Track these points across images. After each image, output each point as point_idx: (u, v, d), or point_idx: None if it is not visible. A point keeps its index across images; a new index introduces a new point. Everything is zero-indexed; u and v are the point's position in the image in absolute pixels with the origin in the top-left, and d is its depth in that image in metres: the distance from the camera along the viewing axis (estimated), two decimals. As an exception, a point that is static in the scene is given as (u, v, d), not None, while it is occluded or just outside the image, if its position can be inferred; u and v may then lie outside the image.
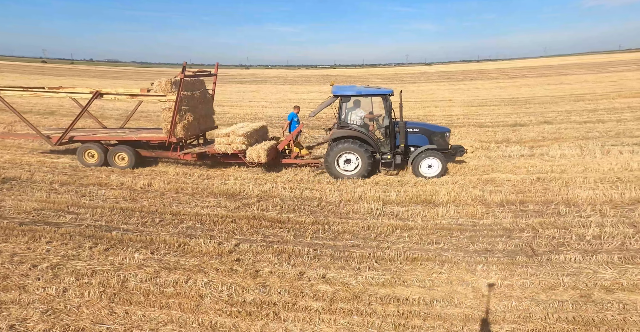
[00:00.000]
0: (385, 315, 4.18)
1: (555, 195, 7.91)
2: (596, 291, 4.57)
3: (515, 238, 6.13)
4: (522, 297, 4.50)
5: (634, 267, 5.04)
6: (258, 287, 4.69)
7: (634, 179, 8.58)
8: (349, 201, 7.90)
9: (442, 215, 7.17)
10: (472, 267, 5.24)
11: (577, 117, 17.31)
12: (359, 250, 5.77)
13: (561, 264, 5.26)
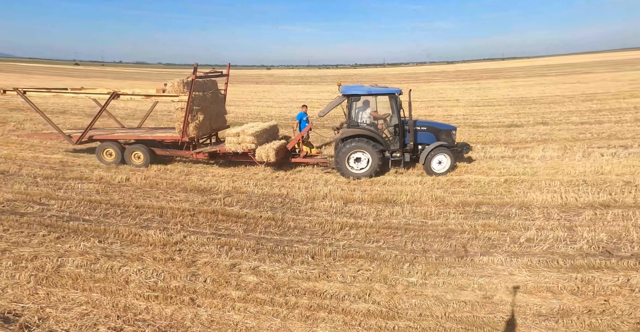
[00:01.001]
0: (296, 306, 4.49)
1: (513, 197, 7.96)
2: (500, 293, 4.71)
3: (455, 239, 6.28)
4: (430, 296, 4.69)
5: (547, 271, 5.14)
6: (187, 276, 5.07)
7: (600, 182, 8.51)
8: (314, 198, 8.20)
9: (395, 214, 7.37)
10: (399, 266, 5.45)
11: (577, 118, 16.94)
12: (301, 245, 6.08)
13: (483, 265, 5.40)
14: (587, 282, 4.78)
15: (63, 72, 65.32)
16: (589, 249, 5.69)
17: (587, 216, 6.85)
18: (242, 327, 4.08)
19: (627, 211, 6.92)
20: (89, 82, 41.63)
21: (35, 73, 56.98)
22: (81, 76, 56.18)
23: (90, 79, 49.30)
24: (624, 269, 5.06)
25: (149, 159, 10.44)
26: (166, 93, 10.14)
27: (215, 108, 11.25)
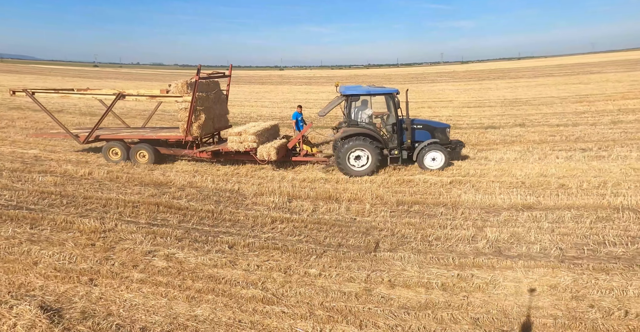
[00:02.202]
0: (187, 289, 4.91)
1: (449, 198, 8.19)
2: (382, 286, 5.01)
3: (372, 235, 6.59)
4: (317, 286, 5.01)
5: (436, 267, 5.42)
6: (99, 259, 5.56)
7: (537, 184, 8.69)
8: (262, 194, 8.58)
9: (331, 211, 7.72)
10: (306, 258, 5.79)
11: (557, 120, 16.91)
12: (226, 236, 6.46)
13: (384, 260, 5.70)
14: (463, 279, 5.08)
15: (79, 74, 67.68)
16: (484, 248, 5.96)
17: (503, 217, 7.08)
18: (127, 304, 4.55)
19: (541, 213, 7.14)
20: (99, 83, 43.24)
21: (52, 74, 59.34)
22: (95, 77, 58.17)
23: (101, 80, 51.11)
24: (502, 268, 5.33)
25: (154, 158, 10.80)
26: (170, 94, 10.60)
27: (217, 108, 11.66)
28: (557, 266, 5.29)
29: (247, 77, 77.08)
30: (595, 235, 6.16)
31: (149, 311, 4.43)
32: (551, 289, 4.76)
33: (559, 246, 5.92)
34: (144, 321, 4.26)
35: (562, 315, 4.25)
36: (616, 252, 5.62)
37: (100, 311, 4.41)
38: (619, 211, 7.01)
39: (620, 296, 4.56)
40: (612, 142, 12.27)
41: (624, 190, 7.94)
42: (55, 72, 64.58)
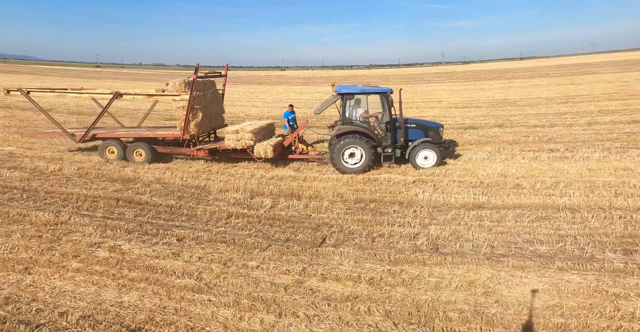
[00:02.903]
0: (121, 278, 5.14)
1: (407, 196, 8.40)
2: (314, 279, 5.24)
3: (321, 231, 6.81)
4: (251, 278, 5.24)
5: (371, 263, 5.63)
6: (42, 250, 5.80)
7: (494, 184, 8.88)
8: (227, 190, 8.80)
9: (289, 207, 7.94)
10: (250, 251, 6.02)
11: (536, 120, 17.05)
12: (179, 230, 6.68)
13: (324, 255, 5.92)
14: (391, 274, 5.32)
15: (78, 74, 68.16)
16: (422, 245, 6.20)
17: (451, 216, 7.31)
18: (55, 291, 4.81)
19: (488, 212, 7.35)
20: (97, 83, 43.69)
21: (51, 75, 59.88)
22: (93, 78, 58.66)
23: (99, 80, 51.55)
24: (432, 264, 5.56)
25: (151, 157, 10.92)
26: (168, 92, 10.77)
27: (214, 107, 11.85)
28: (482, 263, 5.52)
29: (247, 77, 77.45)
30: (527, 234, 6.38)
31: (75, 298, 4.70)
32: (468, 285, 5.00)
33: (491, 243, 6.15)
34: (66, 306, 4.53)
35: (467, 309, 4.49)
36: (540, 250, 5.84)
37: (25, 297, 4.69)
38: (559, 210, 7.22)
39: (525, 292, 4.78)
40: (582, 143, 12.44)
41: (572, 190, 8.14)
42: (55, 73, 65.22)
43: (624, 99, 21.31)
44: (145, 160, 10.93)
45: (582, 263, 5.38)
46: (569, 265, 5.33)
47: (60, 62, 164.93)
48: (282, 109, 25.76)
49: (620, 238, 6.10)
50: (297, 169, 10.73)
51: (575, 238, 6.14)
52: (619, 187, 8.22)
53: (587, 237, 6.14)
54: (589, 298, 4.59)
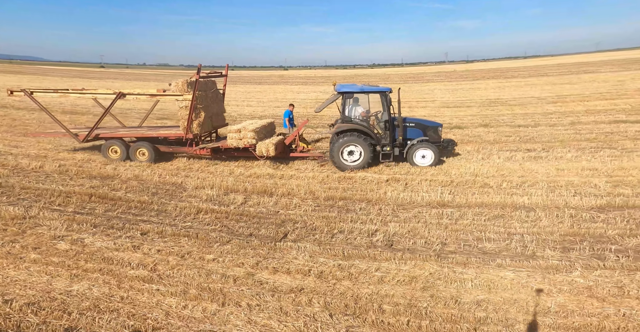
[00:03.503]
0: (76, 268, 5.37)
1: (375, 194, 8.59)
2: (265, 272, 5.46)
3: (285, 227, 7.02)
4: (204, 269, 5.43)
5: (324, 258, 5.84)
6: (4, 242, 6.06)
7: (464, 183, 9.08)
8: (202, 187, 9.04)
9: (259, 204, 8.15)
10: (210, 245, 6.22)
11: (522, 120, 17.17)
12: (145, 224, 6.93)
13: (282, 249, 6.13)
14: (341, 268, 5.54)
15: (80, 74, 68.64)
16: (378, 241, 6.41)
17: (413, 213, 7.53)
18: (7, 281, 5.05)
19: (450, 210, 7.55)
20: (97, 83, 44.21)
21: (52, 75, 60.45)
22: (95, 78, 59.24)
23: (99, 81, 52.02)
24: (382, 260, 5.76)
25: (154, 156, 11.06)
26: (171, 92, 10.90)
27: (215, 107, 12.02)
28: (429, 259, 5.74)
29: (248, 77, 77.88)
30: (480, 232, 6.59)
31: (26, 286, 4.97)
32: (410, 280, 5.22)
33: (444, 241, 6.37)
34: (14, 294, 4.79)
35: (402, 302, 4.71)
36: (487, 248, 6.06)
37: (-30, 286, 4.87)
38: (516, 209, 7.43)
39: (460, 287, 4.99)
40: (559, 142, 12.59)
41: (534, 190, 8.33)
42: (57, 73, 65.92)
43: (614, 98, 21.34)
44: (148, 159, 11.06)
45: (521, 260, 5.59)
46: (507, 262, 5.54)
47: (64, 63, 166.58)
48: (276, 108, 26.12)
49: (563, 236, 6.29)
50: (277, 167, 10.96)
51: (522, 236, 6.35)
52: (581, 187, 8.40)
53: (533, 236, 6.34)
54: (515, 293, 4.80)
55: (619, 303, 4.52)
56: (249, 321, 4.31)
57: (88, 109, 20.59)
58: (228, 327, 4.20)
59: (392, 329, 4.23)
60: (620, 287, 4.80)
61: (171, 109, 21.61)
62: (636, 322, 4.20)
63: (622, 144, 11.88)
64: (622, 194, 7.79)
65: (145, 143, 11.20)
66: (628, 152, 11.01)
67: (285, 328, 4.22)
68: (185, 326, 4.19)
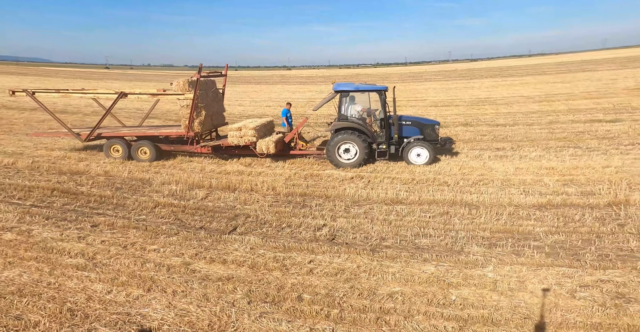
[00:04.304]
0: (13, 256, 5.67)
1: (335, 191, 8.82)
2: (202, 262, 5.73)
3: (237, 221, 7.27)
4: (142, 259, 5.70)
5: (263, 249, 6.10)
6: None
7: (424, 181, 9.28)
8: (169, 183, 9.31)
9: (219, 199, 8.42)
10: (157, 236, 6.50)
11: (504, 119, 17.30)
12: (99, 217, 7.23)
13: (227, 241, 6.39)
14: (276, 260, 5.79)
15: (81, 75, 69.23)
16: (322, 235, 6.66)
17: (364, 210, 7.75)
18: None
19: (401, 207, 7.77)
20: (96, 84, 44.96)
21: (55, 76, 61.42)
22: (95, 79, 60.09)
23: (99, 81, 52.82)
24: (318, 253, 6.00)
25: (155, 154, 11.28)
26: (173, 92, 11.08)
27: (215, 106, 12.27)
28: (363, 253, 5.97)
29: (250, 77, 78.41)
30: (421, 228, 6.80)
31: None
32: (337, 272, 5.46)
33: (384, 236, 6.60)
34: None
35: (322, 292, 4.97)
36: (421, 243, 6.28)
37: None
38: (463, 206, 7.64)
39: (381, 280, 5.23)
40: (530, 142, 12.75)
41: (487, 188, 8.52)
42: (61, 74, 66.79)
43: (600, 97, 21.34)
44: (150, 158, 11.27)
45: (447, 255, 5.81)
46: (433, 257, 5.77)
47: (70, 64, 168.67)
48: (267, 108, 26.47)
49: (494, 233, 6.50)
50: (249, 164, 11.25)
51: (457, 232, 6.56)
52: (531, 185, 8.57)
53: (467, 232, 6.56)
54: (428, 287, 5.03)
55: (514, 296, 4.74)
56: (168, 306, 4.61)
57: (79, 109, 21.09)
58: (145, 311, 4.49)
59: (302, 315, 4.51)
60: (522, 282, 5.02)
61: (162, 109, 22.08)
62: (521, 314, 4.43)
63: (587, 143, 12.01)
64: (565, 193, 7.97)
65: (146, 142, 11.40)
66: (590, 151, 11.15)
67: (202, 312, 4.50)
68: (103, 309, 4.50)
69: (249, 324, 4.33)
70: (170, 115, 20.45)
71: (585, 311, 4.39)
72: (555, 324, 4.22)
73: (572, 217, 6.93)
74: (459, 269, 5.45)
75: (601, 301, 4.55)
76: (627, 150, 11.05)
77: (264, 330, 4.26)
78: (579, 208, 7.30)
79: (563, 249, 5.87)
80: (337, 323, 4.38)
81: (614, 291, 4.74)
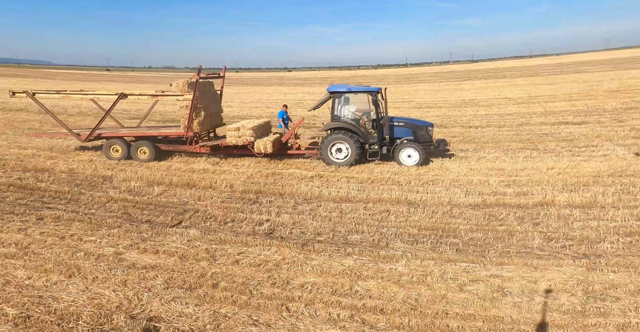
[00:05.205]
0: None
1: (289, 189, 9.08)
2: (134, 252, 6.01)
3: (184, 214, 7.60)
4: (75, 248, 5.97)
5: (201, 242, 6.37)
6: None
7: (379, 180, 9.55)
8: (129, 180, 9.57)
9: (174, 195, 8.70)
10: (98, 229, 6.79)
11: (479, 121, 17.51)
12: (48, 211, 7.53)
13: (167, 234, 6.67)
14: (207, 251, 6.09)
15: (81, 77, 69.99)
16: (260, 230, 6.93)
17: (311, 207, 8.02)
18: None
19: (346, 205, 8.05)
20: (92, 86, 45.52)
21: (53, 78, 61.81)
22: (93, 80, 60.81)
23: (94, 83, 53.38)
24: (250, 246, 6.29)
25: (154, 154, 11.48)
26: (172, 93, 11.39)
27: (213, 107, 12.56)
28: (293, 246, 6.24)
29: (248, 78, 78.71)
30: (356, 224, 7.06)
31: None
32: (261, 263, 5.75)
33: (319, 231, 6.88)
34: None
35: (239, 281, 5.25)
36: (352, 239, 6.57)
37: None
38: (404, 205, 7.90)
39: (299, 271, 5.50)
40: (494, 143, 13.01)
41: (434, 188, 8.77)
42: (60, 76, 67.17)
43: (579, 99, 21.55)
44: (149, 158, 11.47)
45: (370, 250, 6.06)
46: (356, 251, 6.03)
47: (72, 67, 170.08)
48: (254, 109, 26.88)
49: (422, 230, 6.76)
50: (216, 163, 11.53)
51: (388, 229, 6.83)
52: (476, 185, 8.82)
53: (398, 229, 6.82)
54: (340, 278, 5.30)
55: (413, 289, 5.01)
56: (84, 290, 4.91)
57: (65, 110, 21.48)
58: (60, 295, 4.78)
59: (211, 300, 4.81)
60: (425, 276, 5.29)
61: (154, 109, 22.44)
62: (409, 305, 4.69)
63: (546, 145, 12.24)
64: (503, 193, 8.23)
65: (146, 142, 11.61)
66: (545, 152, 11.41)
67: (114, 296, 4.80)
68: (17, 292, 4.80)
69: (157, 306, 4.64)
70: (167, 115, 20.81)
71: (465, 303, 4.67)
72: (433, 315, 4.50)
73: (497, 216, 7.20)
74: (375, 262, 5.72)
75: (482, 294, 4.82)
76: (579, 152, 11.30)
77: (170, 312, 4.56)
78: (508, 208, 7.56)
79: (475, 245, 6.15)
80: (241, 308, 4.68)
81: (497, 285, 5.00)
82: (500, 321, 4.35)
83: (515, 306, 4.59)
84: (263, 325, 4.41)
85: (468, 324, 4.30)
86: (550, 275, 5.19)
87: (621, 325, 4.24)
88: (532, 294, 4.82)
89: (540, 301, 4.66)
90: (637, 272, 5.20)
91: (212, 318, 4.47)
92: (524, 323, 4.31)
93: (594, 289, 4.87)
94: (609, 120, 15.43)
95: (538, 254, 5.79)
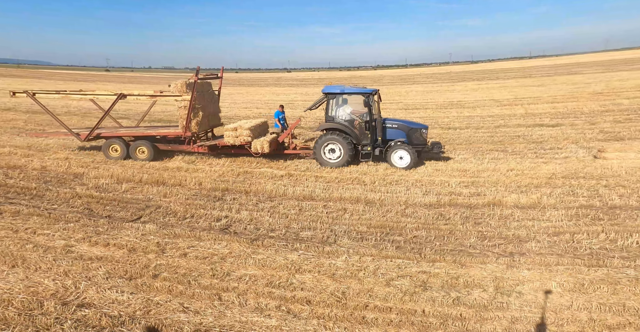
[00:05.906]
0: None
1: (254, 187, 9.30)
2: (85, 244, 6.20)
3: (148, 210, 7.81)
4: (28, 241, 6.18)
5: (155, 236, 6.60)
6: None
7: (345, 180, 9.76)
8: (100, 177, 9.75)
9: (141, 192, 8.93)
10: (56, 223, 7.01)
11: (459, 123, 17.68)
12: (9, 206, 7.73)
13: (123, 228, 6.89)
14: (158, 245, 6.29)
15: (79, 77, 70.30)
16: (217, 225, 7.12)
17: (273, 204, 8.21)
18: None
19: (306, 203, 8.26)
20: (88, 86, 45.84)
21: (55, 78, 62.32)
22: (91, 81, 61.17)
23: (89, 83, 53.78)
24: (204, 240, 6.53)
25: (153, 154, 11.66)
26: (170, 93, 11.55)
27: (211, 107, 12.74)
28: (243, 241, 6.45)
29: (246, 79, 78.96)
30: (310, 221, 7.25)
31: None
32: (208, 256, 5.97)
33: (272, 227, 7.07)
34: None
35: (181, 272, 5.47)
36: (301, 235, 6.77)
37: None
38: (362, 204, 8.10)
39: (243, 264, 5.72)
40: (467, 145, 13.20)
41: (395, 188, 8.95)
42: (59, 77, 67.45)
43: (562, 101, 21.73)
44: (148, 158, 11.64)
45: (317, 246, 6.25)
46: (303, 246, 6.23)
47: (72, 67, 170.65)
48: (244, 109, 27.08)
49: (371, 228, 6.93)
50: (192, 161, 11.72)
51: (340, 226, 7.00)
52: (436, 186, 8.99)
53: (349, 226, 7.01)
54: (279, 271, 5.50)
55: (344, 282, 5.21)
56: (23, 279, 5.11)
57: (54, 109, 21.64)
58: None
59: (147, 289, 5.01)
60: (359, 271, 5.47)
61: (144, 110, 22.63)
62: (336, 297, 4.90)
63: (515, 147, 12.42)
64: (458, 194, 8.41)
65: (144, 142, 11.77)
66: (511, 154, 11.59)
67: (52, 284, 5.00)
68: None
69: (92, 294, 4.84)
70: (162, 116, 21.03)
71: (387, 297, 4.86)
72: (354, 306, 4.70)
73: (445, 215, 7.38)
74: (317, 258, 5.92)
75: (405, 289, 5.01)
76: (543, 154, 11.46)
77: (103, 299, 4.76)
78: (459, 208, 7.74)
79: (415, 243, 6.34)
80: (175, 297, 4.89)
81: (421, 281, 5.20)
82: (412, 313, 4.55)
83: (430, 300, 4.79)
84: (192, 312, 4.62)
85: (382, 316, 4.50)
86: (473, 272, 5.38)
87: (514, 319, 4.43)
88: (450, 290, 5.02)
89: (454, 296, 4.85)
90: (548, 269, 5.39)
91: (144, 305, 4.69)
92: (432, 316, 4.51)
93: (504, 285, 5.06)
94: (583, 123, 15.61)
95: (470, 252, 5.98)
